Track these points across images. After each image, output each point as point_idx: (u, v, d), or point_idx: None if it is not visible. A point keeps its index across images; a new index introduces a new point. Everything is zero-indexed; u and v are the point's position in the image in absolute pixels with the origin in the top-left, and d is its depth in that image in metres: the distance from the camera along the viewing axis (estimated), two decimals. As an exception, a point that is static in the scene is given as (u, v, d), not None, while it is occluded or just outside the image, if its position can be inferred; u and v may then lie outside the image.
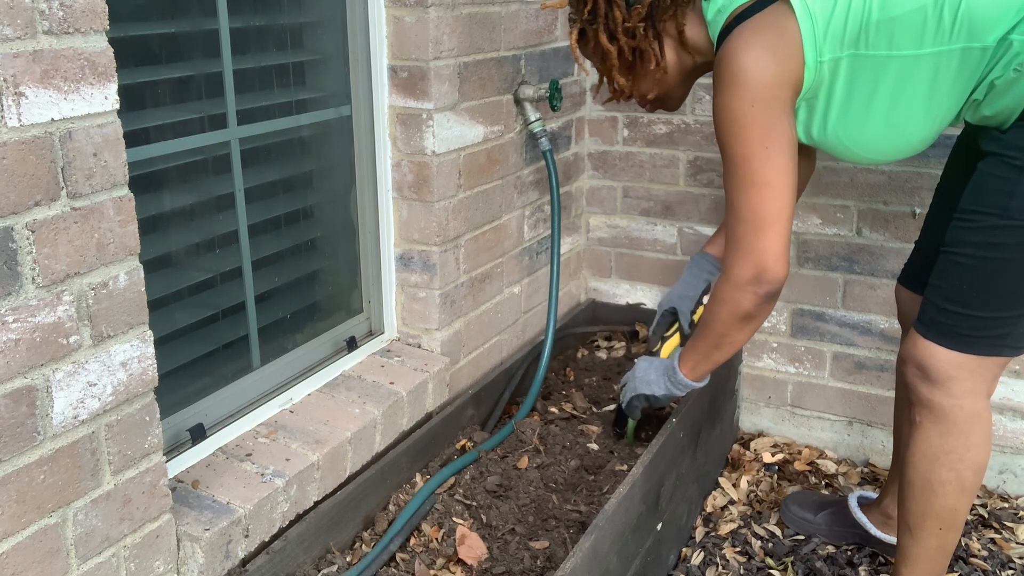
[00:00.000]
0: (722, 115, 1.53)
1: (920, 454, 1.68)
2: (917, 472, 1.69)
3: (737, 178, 1.55)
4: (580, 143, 2.66)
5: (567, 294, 2.74)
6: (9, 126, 1.12)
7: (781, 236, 1.55)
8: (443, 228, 2.07)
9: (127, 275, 1.30)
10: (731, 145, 1.53)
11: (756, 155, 1.51)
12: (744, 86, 1.49)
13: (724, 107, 1.52)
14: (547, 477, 2.00)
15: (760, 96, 1.49)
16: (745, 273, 1.58)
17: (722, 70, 1.52)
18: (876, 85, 1.53)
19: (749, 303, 1.61)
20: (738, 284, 1.60)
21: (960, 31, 1.47)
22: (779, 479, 2.44)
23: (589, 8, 1.64)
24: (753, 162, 1.52)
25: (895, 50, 1.50)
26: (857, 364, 2.48)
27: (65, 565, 1.28)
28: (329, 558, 1.70)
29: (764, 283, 1.58)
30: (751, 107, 1.49)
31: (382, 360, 2.08)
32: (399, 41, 1.95)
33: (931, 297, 1.64)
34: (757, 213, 1.54)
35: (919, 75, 1.51)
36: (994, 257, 1.54)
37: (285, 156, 1.88)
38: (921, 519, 1.72)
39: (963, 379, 1.61)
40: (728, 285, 1.62)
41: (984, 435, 1.65)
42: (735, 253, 1.59)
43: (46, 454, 1.23)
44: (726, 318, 1.66)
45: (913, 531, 1.74)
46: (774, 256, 1.55)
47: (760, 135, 1.50)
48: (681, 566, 2.09)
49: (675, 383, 1.85)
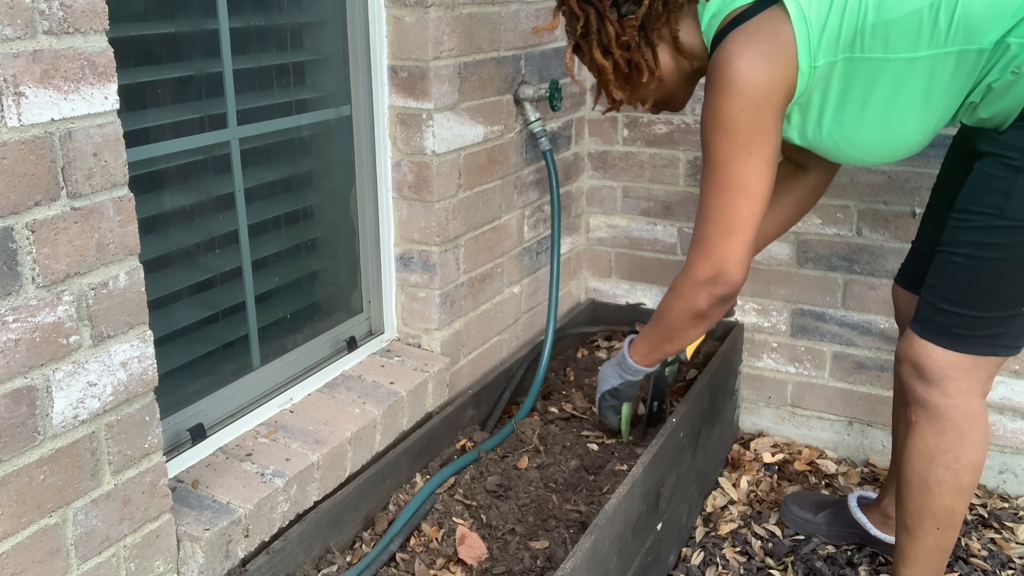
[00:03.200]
0: (710, 117, 1.53)
1: (916, 454, 1.68)
2: (914, 472, 1.70)
3: (715, 179, 1.56)
4: (580, 143, 2.66)
5: (567, 294, 2.74)
6: (9, 126, 1.12)
7: (747, 243, 1.57)
8: (443, 228, 2.07)
9: (127, 275, 1.30)
10: (714, 147, 1.54)
11: (738, 159, 1.52)
12: (736, 91, 1.49)
13: (714, 109, 1.52)
14: (547, 477, 2.00)
15: (751, 102, 1.49)
16: (704, 273, 1.61)
17: (715, 75, 1.52)
18: (871, 88, 1.53)
19: (703, 302, 1.64)
20: (696, 282, 1.63)
21: (956, 34, 1.46)
22: (779, 479, 2.44)
23: (582, 24, 1.63)
24: (734, 165, 1.53)
25: (891, 53, 1.49)
26: (857, 364, 2.49)
27: (65, 565, 1.28)
28: (329, 558, 1.70)
29: (721, 285, 1.60)
30: (740, 112, 1.50)
31: (382, 360, 2.08)
32: (399, 41, 1.95)
33: (927, 296, 1.64)
34: (729, 216, 1.56)
35: (915, 78, 1.51)
36: (991, 257, 1.54)
37: (285, 156, 1.88)
38: (919, 519, 1.72)
39: (959, 378, 1.61)
40: (687, 282, 1.65)
41: (980, 434, 1.65)
42: (698, 252, 1.61)
43: (46, 454, 1.23)
44: (679, 314, 1.71)
45: (911, 531, 1.74)
46: (735, 260, 1.58)
47: (745, 140, 1.51)
48: (681, 566, 2.09)
49: (626, 369, 1.92)
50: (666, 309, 1.75)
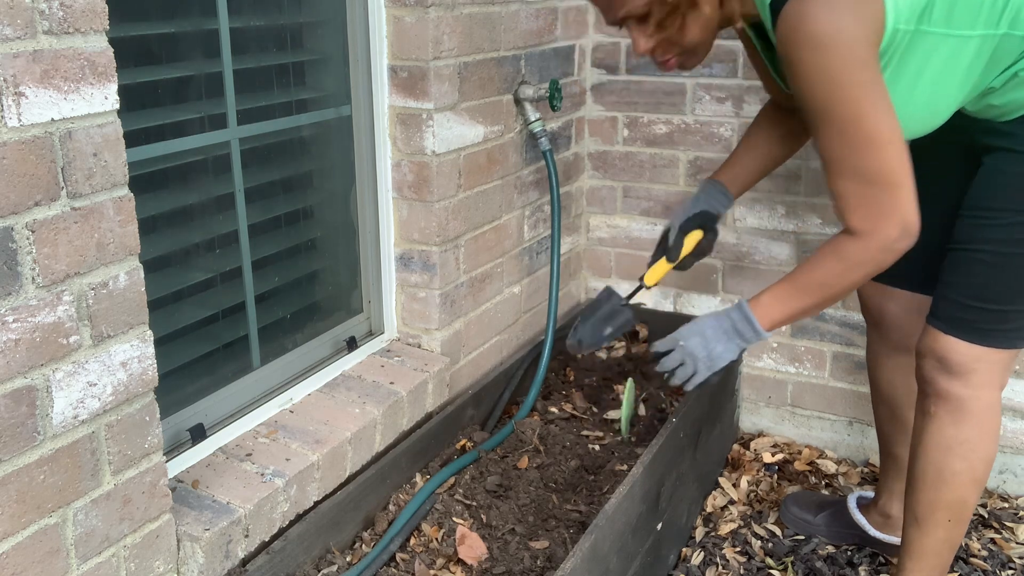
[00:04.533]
0: (818, 79, 1.44)
1: (933, 445, 1.70)
2: (930, 462, 1.71)
3: (854, 142, 1.46)
4: (580, 143, 2.66)
5: (567, 294, 2.74)
6: (9, 126, 1.12)
7: (912, 188, 1.49)
8: (443, 228, 2.07)
9: (127, 275, 1.30)
10: (836, 109, 1.45)
11: (868, 115, 1.44)
12: (835, 47, 1.40)
13: (820, 70, 1.43)
14: (547, 477, 2.00)
15: (856, 56, 1.41)
16: (893, 232, 1.50)
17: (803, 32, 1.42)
18: (926, 63, 1.48)
19: (891, 259, 1.53)
20: (887, 246, 1.51)
21: (1006, 17, 1.45)
22: (779, 479, 2.44)
23: None
24: (867, 123, 1.45)
25: (952, 29, 1.46)
26: (857, 364, 2.48)
27: (65, 565, 1.28)
28: (329, 558, 1.70)
29: (906, 237, 1.51)
30: (850, 68, 1.42)
31: (382, 360, 2.08)
32: (399, 41, 1.95)
33: (949, 294, 1.65)
34: (889, 170, 1.47)
35: (963, 57, 1.48)
36: (1018, 252, 1.56)
37: (285, 156, 1.88)
38: (931, 510, 1.73)
39: (982, 371, 1.64)
40: (872, 248, 1.52)
41: (996, 427, 1.69)
42: (875, 217, 1.50)
43: (46, 454, 1.23)
44: (859, 279, 1.57)
45: (921, 523, 1.75)
46: (912, 209, 1.50)
47: (866, 95, 1.44)
48: (681, 566, 2.09)
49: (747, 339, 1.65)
50: (835, 281, 1.57)
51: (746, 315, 1.62)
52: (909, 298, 1.91)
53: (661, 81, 2.56)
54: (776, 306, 1.62)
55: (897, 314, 1.95)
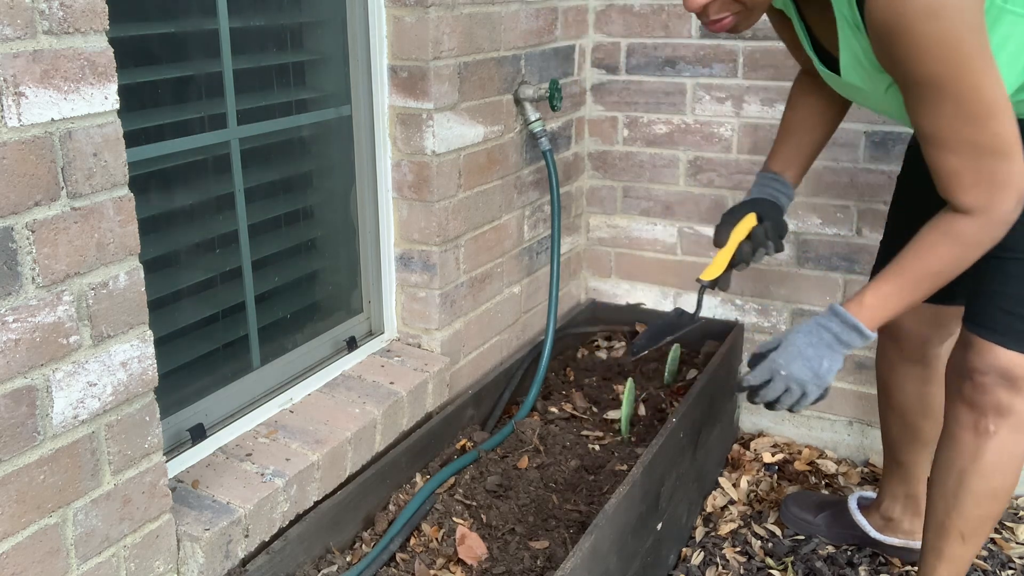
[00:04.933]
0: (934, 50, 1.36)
1: (992, 465, 1.65)
2: (986, 481, 1.66)
3: (972, 113, 1.40)
4: (580, 143, 2.66)
5: (567, 294, 2.74)
6: (9, 126, 1.12)
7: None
8: (443, 228, 2.07)
9: (127, 275, 1.30)
10: (954, 80, 1.37)
11: (986, 85, 1.38)
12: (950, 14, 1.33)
13: (935, 40, 1.35)
14: (547, 477, 2.00)
15: (970, 22, 1.35)
16: (1010, 204, 1.44)
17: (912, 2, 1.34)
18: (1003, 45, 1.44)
19: (1004, 232, 1.48)
20: (1005, 219, 1.45)
21: None
22: (779, 479, 2.44)
23: None
24: (986, 92, 1.39)
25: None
26: (857, 364, 2.48)
27: (65, 565, 1.28)
28: (329, 558, 1.70)
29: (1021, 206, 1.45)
30: (967, 35, 1.35)
31: (382, 360, 2.08)
32: (399, 41, 1.95)
33: (1003, 305, 1.59)
34: (1005, 141, 1.41)
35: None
36: None
37: (285, 156, 1.88)
38: (980, 526, 1.71)
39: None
40: (991, 225, 1.46)
41: None
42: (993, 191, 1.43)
43: (46, 454, 1.23)
44: (974, 260, 1.50)
45: (968, 539, 1.72)
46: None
47: (982, 63, 1.38)
48: (681, 566, 2.09)
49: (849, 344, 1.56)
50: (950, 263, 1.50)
51: (849, 322, 1.53)
52: (924, 309, 1.83)
53: (661, 81, 2.56)
54: (886, 305, 1.54)
55: (913, 325, 1.92)
